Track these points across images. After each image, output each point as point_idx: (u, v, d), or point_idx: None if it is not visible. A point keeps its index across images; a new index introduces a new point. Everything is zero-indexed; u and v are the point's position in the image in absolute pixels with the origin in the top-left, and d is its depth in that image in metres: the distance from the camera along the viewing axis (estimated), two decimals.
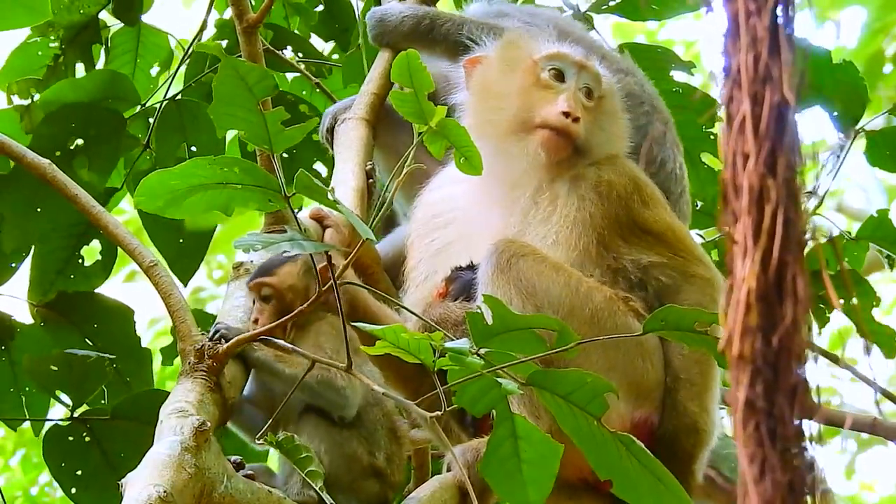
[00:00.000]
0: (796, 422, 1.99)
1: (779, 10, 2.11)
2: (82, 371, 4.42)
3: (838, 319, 5.01)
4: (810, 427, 2.06)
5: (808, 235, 2.10)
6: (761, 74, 2.05)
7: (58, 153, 4.87)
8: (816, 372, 2.12)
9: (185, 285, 5.10)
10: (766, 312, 2.01)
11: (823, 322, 4.87)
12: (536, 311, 3.65)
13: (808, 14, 2.21)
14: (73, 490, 4.55)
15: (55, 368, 4.44)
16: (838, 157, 4.97)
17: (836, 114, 4.97)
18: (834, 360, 4.89)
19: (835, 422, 3.87)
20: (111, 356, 4.52)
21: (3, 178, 4.90)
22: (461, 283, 3.90)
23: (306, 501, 3.52)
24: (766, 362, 1.99)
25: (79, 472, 4.54)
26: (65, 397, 4.52)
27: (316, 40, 5.60)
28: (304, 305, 3.39)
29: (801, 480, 1.98)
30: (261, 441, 3.52)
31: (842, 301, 4.63)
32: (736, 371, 2.01)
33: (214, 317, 3.86)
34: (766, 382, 1.99)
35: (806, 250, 2.11)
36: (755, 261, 1.98)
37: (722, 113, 2.19)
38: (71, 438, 4.53)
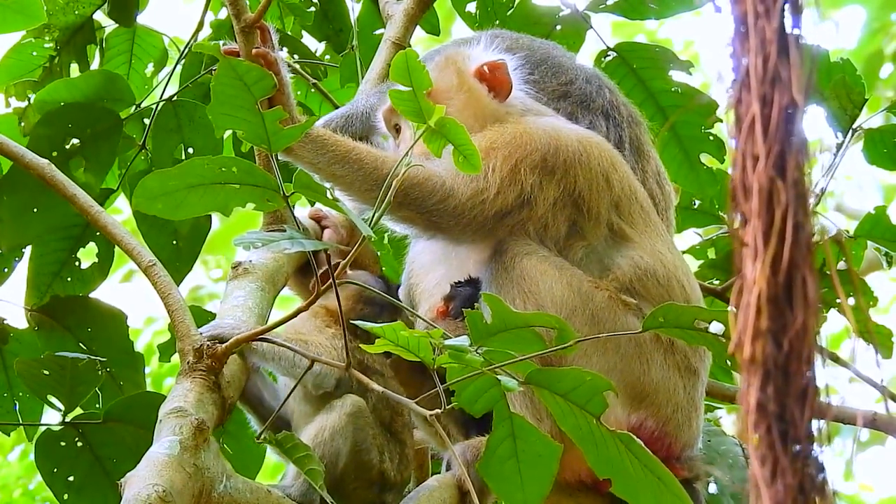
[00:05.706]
0: (807, 424, 1.99)
1: (786, 12, 2.11)
2: (74, 375, 4.37)
3: (837, 319, 5.01)
4: (819, 428, 2.06)
5: (815, 237, 2.10)
6: (770, 76, 2.05)
7: (54, 153, 4.84)
8: (822, 372, 2.11)
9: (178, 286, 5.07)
10: (776, 315, 2.00)
11: (821, 322, 4.84)
12: (538, 310, 3.65)
13: (811, 13, 2.21)
14: (66, 496, 4.49)
15: (47, 373, 4.40)
16: (835, 155, 4.97)
17: (833, 113, 4.97)
18: (834, 359, 4.89)
19: (840, 418, 3.87)
20: (103, 359, 4.48)
21: None
22: (461, 299, 3.82)
23: (308, 502, 3.52)
24: (777, 365, 1.99)
25: (71, 478, 4.48)
26: (58, 402, 4.48)
27: (307, 40, 5.59)
28: (304, 304, 3.38)
29: (812, 482, 1.98)
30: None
31: (839, 300, 4.63)
32: (747, 374, 2.01)
33: (213, 315, 3.84)
34: (776, 385, 1.98)
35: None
36: (765, 263, 1.98)
37: (728, 114, 2.18)
38: (63, 443, 4.46)
